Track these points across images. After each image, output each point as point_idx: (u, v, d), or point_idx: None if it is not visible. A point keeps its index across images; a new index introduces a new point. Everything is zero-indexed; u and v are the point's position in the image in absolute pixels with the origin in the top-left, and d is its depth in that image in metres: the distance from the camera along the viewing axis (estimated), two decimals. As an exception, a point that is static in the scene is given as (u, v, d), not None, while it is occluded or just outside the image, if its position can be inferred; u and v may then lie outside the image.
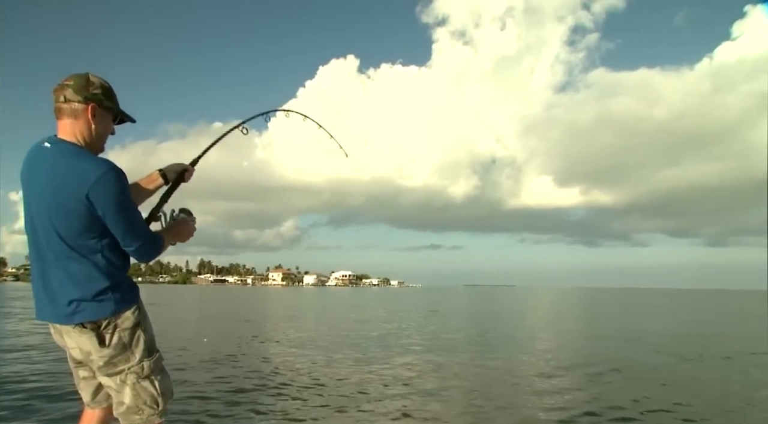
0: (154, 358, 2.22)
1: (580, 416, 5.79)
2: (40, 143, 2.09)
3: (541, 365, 9.55)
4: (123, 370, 2.14)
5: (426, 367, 9.11)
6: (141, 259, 2.16)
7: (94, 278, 2.05)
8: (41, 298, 2.11)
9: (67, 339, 2.13)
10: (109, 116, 2.17)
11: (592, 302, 53.01)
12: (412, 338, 14.28)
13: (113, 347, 2.10)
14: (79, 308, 2.04)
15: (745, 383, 8.03)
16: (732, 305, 45.84)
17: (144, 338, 2.18)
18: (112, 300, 2.07)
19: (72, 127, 2.07)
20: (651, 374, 8.75)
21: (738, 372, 9.13)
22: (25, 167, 2.11)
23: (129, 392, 2.15)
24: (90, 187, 1.94)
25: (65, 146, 2.05)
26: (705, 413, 5.99)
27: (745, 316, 29.80)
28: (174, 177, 2.48)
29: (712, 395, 7.14)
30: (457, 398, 6.73)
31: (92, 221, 2.00)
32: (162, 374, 2.25)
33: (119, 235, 2.06)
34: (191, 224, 2.40)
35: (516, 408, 6.16)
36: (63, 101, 2.06)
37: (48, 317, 2.11)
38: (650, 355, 11.21)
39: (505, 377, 8.29)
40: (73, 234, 2.01)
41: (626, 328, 19.89)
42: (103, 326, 2.07)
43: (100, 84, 2.12)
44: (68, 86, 2.07)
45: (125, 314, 2.12)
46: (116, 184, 1.99)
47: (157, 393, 2.20)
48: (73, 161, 1.99)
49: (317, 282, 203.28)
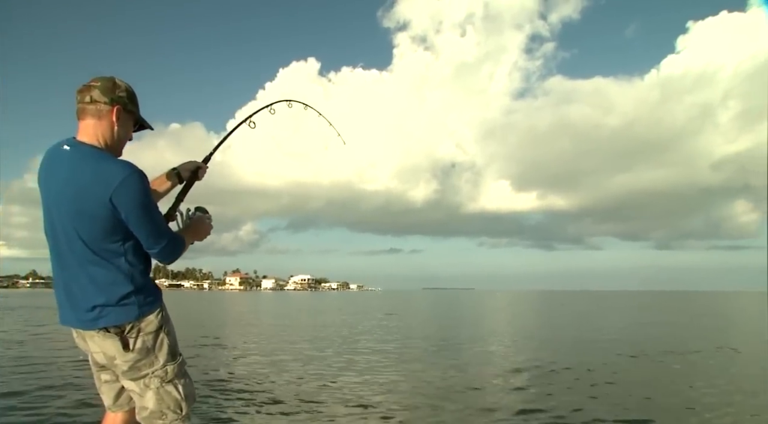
0: (177, 361, 2.19)
1: (529, 414, 5.75)
2: (59, 145, 2.05)
3: (495, 366, 9.56)
4: (147, 374, 2.11)
5: (377, 370, 8.96)
6: (164, 260, 2.15)
7: (118, 283, 2.02)
8: (64, 303, 2.09)
9: (91, 344, 2.11)
10: (131, 121, 2.16)
11: (548, 304, 54.09)
12: (365, 341, 14.13)
13: (137, 351, 2.07)
14: (103, 312, 2.02)
15: (687, 376, 8.18)
16: (680, 306, 47.49)
17: (167, 341, 2.15)
18: (135, 304, 2.05)
19: (95, 129, 2.05)
20: (600, 371, 8.85)
21: (679, 367, 9.34)
22: (43, 170, 2.08)
23: (152, 397, 2.12)
24: (113, 190, 1.91)
25: (86, 149, 2.02)
26: (637, 408, 6.03)
27: (691, 316, 30.83)
28: (188, 176, 2.47)
29: (656, 391, 7.20)
30: (407, 402, 6.57)
31: (115, 225, 1.97)
32: (185, 378, 2.22)
33: (143, 238, 2.04)
34: (208, 222, 2.39)
35: (465, 408, 6.07)
36: (89, 102, 2.04)
37: (71, 322, 2.09)
38: (601, 354, 11.33)
39: (459, 379, 8.21)
40: (96, 238, 1.98)
41: (580, 329, 20.30)
42: (126, 330, 2.05)
43: (126, 88, 2.11)
44: (95, 87, 2.05)
45: (149, 318, 2.10)
46: (139, 187, 1.97)
47: (180, 397, 2.17)
48: (95, 164, 1.96)
49: (276, 286, 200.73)
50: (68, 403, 6.01)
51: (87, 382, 6.35)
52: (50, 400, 6.15)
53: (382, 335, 16.28)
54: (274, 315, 29.94)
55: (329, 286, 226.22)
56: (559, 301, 63.38)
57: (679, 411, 6.13)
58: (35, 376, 7.64)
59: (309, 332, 17.18)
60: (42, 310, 28.45)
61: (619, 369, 9.30)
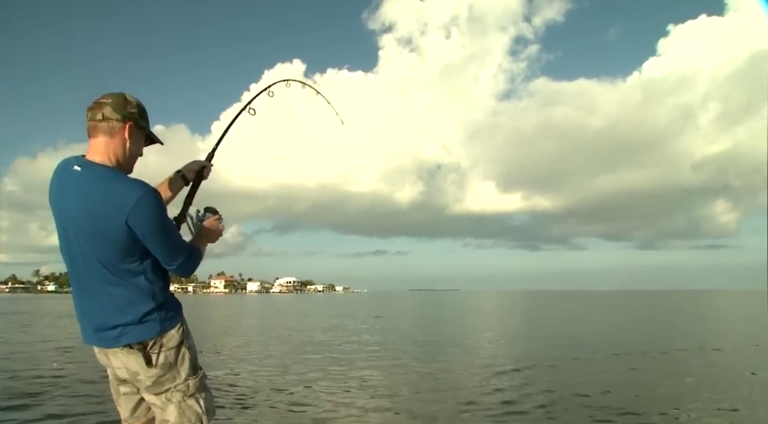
0: (198, 376, 2.18)
1: (516, 414, 5.76)
2: (69, 166, 2.01)
3: (478, 366, 9.57)
4: (169, 388, 2.11)
5: (364, 371, 8.93)
6: (183, 274, 2.14)
7: (139, 301, 2.02)
8: (85, 324, 2.09)
9: (113, 360, 2.10)
10: (142, 137, 2.13)
11: (532, 305, 54.44)
12: (352, 343, 14.07)
13: (160, 366, 2.07)
14: (125, 330, 2.01)
15: (663, 375, 8.26)
16: (662, 305, 48.05)
17: (189, 356, 2.15)
18: (157, 320, 2.04)
19: (106, 146, 2.01)
20: (581, 369, 8.92)
21: (656, 366, 9.42)
22: (55, 191, 2.04)
23: (174, 411, 2.11)
24: (128, 213, 1.89)
25: (97, 169, 1.98)
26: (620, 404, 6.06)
27: (677, 315, 31.19)
28: (193, 176, 2.42)
29: (632, 389, 7.24)
30: (395, 402, 6.54)
31: (133, 246, 1.96)
32: (206, 392, 2.21)
33: (160, 255, 2.03)
34: (219, 223, 2.33)
35: (451, 408, 6.06)
36: (100, 119, 2.00)
37: (93, 341, 2.09)
38: (583, 354, 11.40)
39: (446, 379, 8.22)
40: (114, 260, 1.97)
41: (567, 329, 20.40)
42: (149, 346, 2.05)
43: (137, 104, 2.09)
44: (107, 104, 2.01)
45: (170, 333, 2.09)
46: (154, 207, 1.94)
47: (201, 411, 2.15)
48: (108, 186, 1.93)
49: (261, 289, 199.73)
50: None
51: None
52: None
53: (368, 337, 16.23)
54: (258, 318, 29.75)
55: (315, 288, 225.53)
56: (544, 301, 63.84)
57: (649, 408, 6.16)
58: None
59: (292, 336, 17.06)
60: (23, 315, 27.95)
61: (599, 368, 9.38)
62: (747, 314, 32.06)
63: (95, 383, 7.65)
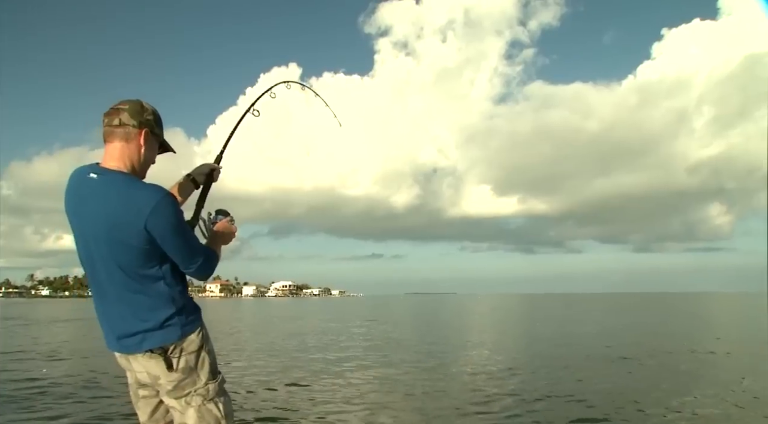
0: (218, 380, 2.19)
1: (506, 417, 5.72)
2: (85, 174, 2.03)
3: (472, 371, 9.57)
4: (189, 392, 2.12)
5: (358, 376, 8.92)
6: (200, 277, 2.16)
7: (159, 307, 2.04)
8: (107, 331, 2.11)
9: (135, 364, 2.12)
10: (156, 144, 2.16)
11: (528, 308, 54.50)
12: (345, 347, 14.05)
13: (181, 370, 2.09)
14: (146, 336, 2.03)
15: (656, 378, 8.28)
16: (657, 308, 48.17)
17: (208, 360, 2.17)
18: (178, 325, 2.06)
19: (122, 151, 2.04)
20: (575, 374, 8.91)
21: (650, 369, 9.43)
22: (71, 200, 2.06)
23: (194, 415, 2.12)
24: (147, 218, 1.91)
25: (114, 176, 2.00)
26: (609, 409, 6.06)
27: (672, 317, 31.31)
28: (203, 180, 2.44)
29: (627, 393, 7.24)
30: (386, 407, 6.52)
31: (152, 251, 1.98)
32: (225, 396, 2.22)
33: (179, 259, 2.05)
34: (231, 225, 2.34)
35: (443, 413, 6.04)
36: (117, 125, 2.03)
37: (116, 348, 2.11)
38: (578, 358, 11.43)
39: (438, 384, 8.20)
40: (134, 265, 1.99)
41: (561, 332, 20.42)
42: (170, 350, 2.06)
43: (152, 111, 2.12)
44: (124, 110, 2.05)
45: (190, 337, 2.11)
46: (172, 210, 1.98)
47: (221, 415, 2.16)
48: (126, 192, 1.96)
49: (257, 293, 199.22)
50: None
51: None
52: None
53: (362, 341, 16.21)
54: (251, 322, 29.66)
55: (311, 292, 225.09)
56: (540, 304, 63.90)
57: (640, 411, 6.18)
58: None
59: (285, 340, 17.02)
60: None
61: (592, 373, 9.39)
62: (741, 317, 32.19)
63: (88, 388, 7.64)
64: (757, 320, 27.59)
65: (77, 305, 60.91)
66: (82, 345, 14.73)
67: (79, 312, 38.86)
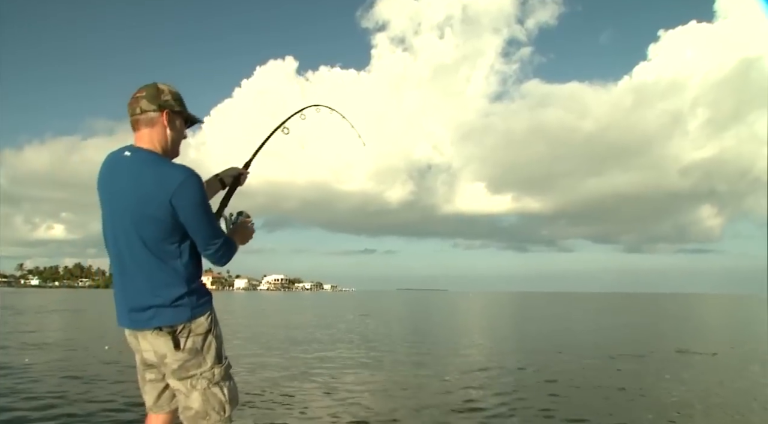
0: (224, 365, 2.26)
1: (490, 416, 5.73)
2: (120, 152, 2.17)
3: (460, 368, 9.54)
4: (194, 375, 2.17)
5: (348, 371, 8.88)
6: (218, 262, 2.24)
7: (173, 285, 2.11)
8: (121, 305, 2.17)
9: (143, 342, 2.17)
10: (180, 120, 2.26)
11: (519, 306, 54.72)
12: (335, 342, 14.02)
13: (187, 351, 2.14)
14: (157, 313, 2.10)
15: (642, 378, 8.31)
16: (647, 308, 48.42)
17: (215, 344, 2.23)
18: (188, 306, 2.13)
19: (149, 136, 2.16)
20: (561, 374, 8.87)
21: (637, 369, 9.43)
22: (104, 176, 2.18)
23: (198, 397, 2.18)
24: (173, 193, 2.02)
25: (145, 154, 2.13)
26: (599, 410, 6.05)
27: (661, 318, 31.47)
28: (231, 181, 2.57)
29: (613, 394, 7.26)
30: (372, 402, 6.48)
31: (174, 227, 2.07)
32: (230, 381, 2.28)
33: (200, 239, 2.14)
34: (250, 226, 2.46)
35: (427, 410, 6.01)
36: (139, 113, 2.15)
37: (125, 323, 2.18)
38: (566, 357, 11.43)
39: (426, 380, 8.16)
40: (156, 239, 2.08)
41: (548, 332, 20.50)
42: (178, 330, 2.12)
43: (170, 91, 2.21)
44: (142, 98, 2.15)
45: (199, 320, 2.16)
46: (197, 189, 2.08)
47: (225, 399, 2.22)
48: (155, 169, 2.08)
49: (248, 286, 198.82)
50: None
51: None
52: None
53: (353, 336, 16.18)
54: (241, 315, 29.56)
55: (303, 286, 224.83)
56: (531, 303, 64.15)
57: (625, 409, 6.17)
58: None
59: (278, 334, 16.95)
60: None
61: (580, 373, 9.39)
62: (729, 319, 32.40)
63: (72, 377, 7.56)
64: (745, 322, 27.80)
65: (67, 296, 60.60)
66: (69, 335, 14.60)
67: (68, 303, 38.63)
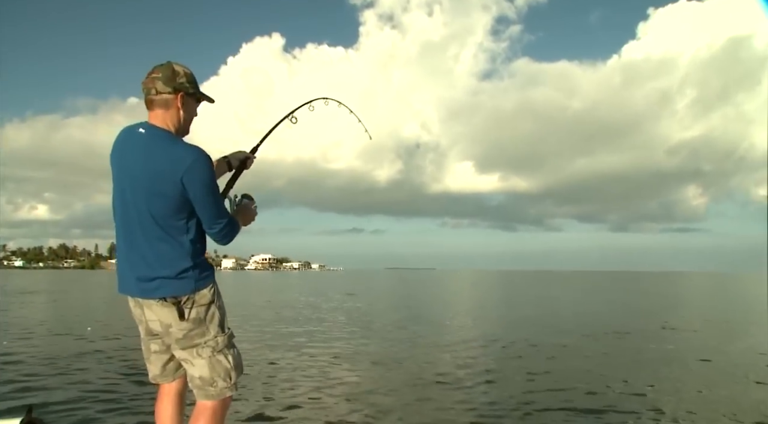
0: (227, 334, 2.36)
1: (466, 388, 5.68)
2: (134, 128, 2.26)
3: (445, 346, 9.55)
4: (199, 344, 2.28)
5: (329, 350, 8.80)
6: (221, 241, 2.35)
7: (179, 258, 2.21)
8: (126, 273, 2.26)
9: (148, 312, 2.27)
10: (193, 101, 2.34)
11: (506, 284, 55.18)
12: (321, 320, 14.00)
13: (191, 321, 2.24)
14: (163, 284, 2.20)
15: (627, 354, 8.35)
16: (632, 287, 49.06)
17: (218, 314, 2.33)
18: (192, 278, 2.23)
19: (163, 117, 2.25)
20: (548, 352, 8.94)
21: (622, 346, 9.54)
22: (118, 150, 2.27)
23: (205, 365, 2.29)
24: (184, 172, 2.11)
25: (159, 132, 2.22)
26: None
27: (646, 296, 31.90)
28: (237, 164, 2.67)
29: (597, 372, 7.28)
30: (358, 383, 6.43)
31: (183, 203, 2.17)
32: (234, 349, 2.40)
33: (206, 217, 2.24)
34: (253, 208, 2.56)
35: (409, 389, 5.96)
36: (154, 94, 2.23)
37: (132, 291, 2.26)
38: (553, 335, 11.48)
39: (409, 359, 8.14)
40: (165, 215, 2.17)
41: (535, 309, 20.68)
42: (183, 301, 2.22)
43: (184, 72, 2.28)
44: (157, 79, 2.22)
45: (203, 292, 2.27)
46: (207, 169, 2.19)
47: (230, 366, 2.34)
48: (167, 148, 2.18)
49: (236, 266, 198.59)
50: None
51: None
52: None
53: (337, 315, 16.16)
54: (228, 295, 29.46)
55: (291, 265, 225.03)
56: (518, 281, 64.73)
57: (607, 386, 6.17)
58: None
59: (266, 312, 16.88)
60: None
61: (564, 350, 9.44)
62: (712, 297, 32.90)
63: (48, 364, 7.41)
64: (726, 299, 28.25)
65: (52, 276, 60.04)
66: (50, 316, 14.38)
67: (53, 284, 38.26)
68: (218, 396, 2.32)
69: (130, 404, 5.15)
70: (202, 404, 2.33)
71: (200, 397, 2.33)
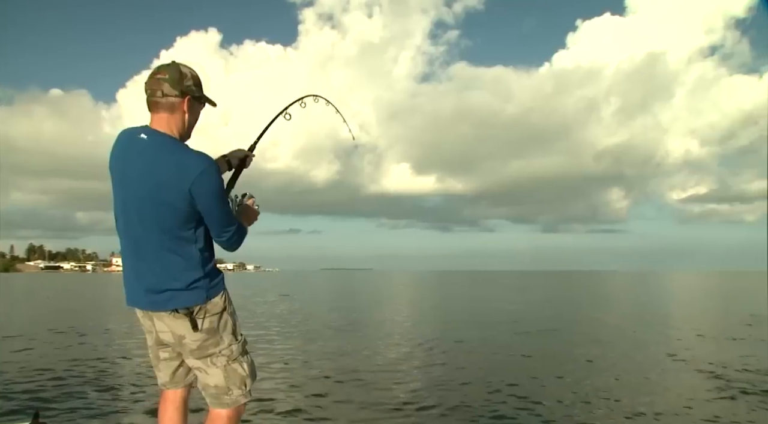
0: (240, 341, 2.30)
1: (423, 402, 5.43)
2: (135, 133, 2.13)
3: (380, 347, 9.41)
4: (213, 353, 2.21)
5: (263, 351, 8.24)
6: (230, 248, 2.25)
7: (189, 268, 2.12)
8: (133, 286, 2.18)
9: (158, 323, 2.20)
10: (198, 104, 2.24)
11: (442, 285, 55.89)
12: (252, 323, 13.32)
13: (205, 331, 2.17)
14: (174, 295, 2.11)
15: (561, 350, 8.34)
16: (562, 286, 50.87)
17: (231, 322, 2.26)
18: (204, 288, 2.14)
19: (168, 121, 2.14)
20: (481, 347, 8.98)
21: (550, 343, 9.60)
22: (118, 156, 2.15)
23: (220, 374, 2.23)
24: (192, 182, 2.01)
25: (163, 139, 2.11)
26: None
27: (573, 294, 33.06)
28: (237, 163, 2.55)
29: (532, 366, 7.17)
30: (291, 382, 6.04)
31: (191, 214, 2.07)
32: (248, 356, 2.34)
33: (215, 225, 2.16)
34: (255, 207, 2.48)
35: (343, 389, 5.68)
36: (160, 96, 2.11)
37: (141, 304, 2.18)
38: (487, 331, 11.45)
39: (343, 360, 7.95)
40: (173, 226, 2.08)
41: (471, 309, 20.86)
42: (195, 311, 2.14)
43: (191, 75, 2.17)
44: (164, 80, 2.10)
45: (214, 300, 2.19)
46: (215, 179, 2.11)
47: (245, 374, 2.28)
48: (174, 156, 2.07)
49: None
50: None
51: None
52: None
53: (271, 318, 15.65)
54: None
55: (225, 267, 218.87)
56: (453, 281, 65.75)
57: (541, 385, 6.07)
58: None
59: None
60: None
61: (496, 347, 9.40)
62: (631, 294, 34.55)
63: None
64: (644, 297, 29.70)
65: None
66: None
67: None
68: (233, 404, 2.27)
69: (134, 406, 5.17)
70: (216, 413, 2.28)
71: (214, 405, 2.28)
